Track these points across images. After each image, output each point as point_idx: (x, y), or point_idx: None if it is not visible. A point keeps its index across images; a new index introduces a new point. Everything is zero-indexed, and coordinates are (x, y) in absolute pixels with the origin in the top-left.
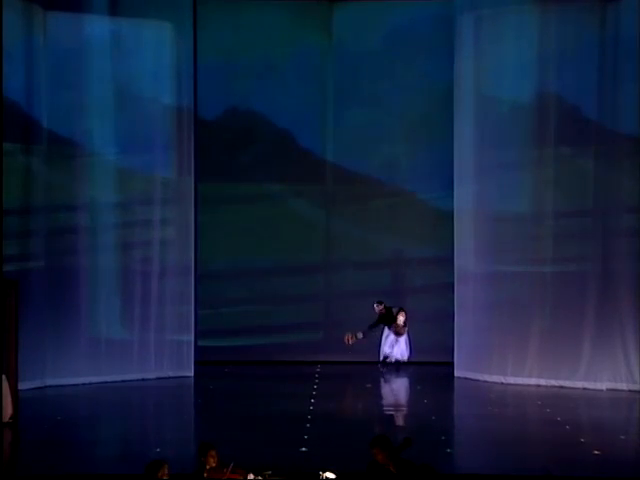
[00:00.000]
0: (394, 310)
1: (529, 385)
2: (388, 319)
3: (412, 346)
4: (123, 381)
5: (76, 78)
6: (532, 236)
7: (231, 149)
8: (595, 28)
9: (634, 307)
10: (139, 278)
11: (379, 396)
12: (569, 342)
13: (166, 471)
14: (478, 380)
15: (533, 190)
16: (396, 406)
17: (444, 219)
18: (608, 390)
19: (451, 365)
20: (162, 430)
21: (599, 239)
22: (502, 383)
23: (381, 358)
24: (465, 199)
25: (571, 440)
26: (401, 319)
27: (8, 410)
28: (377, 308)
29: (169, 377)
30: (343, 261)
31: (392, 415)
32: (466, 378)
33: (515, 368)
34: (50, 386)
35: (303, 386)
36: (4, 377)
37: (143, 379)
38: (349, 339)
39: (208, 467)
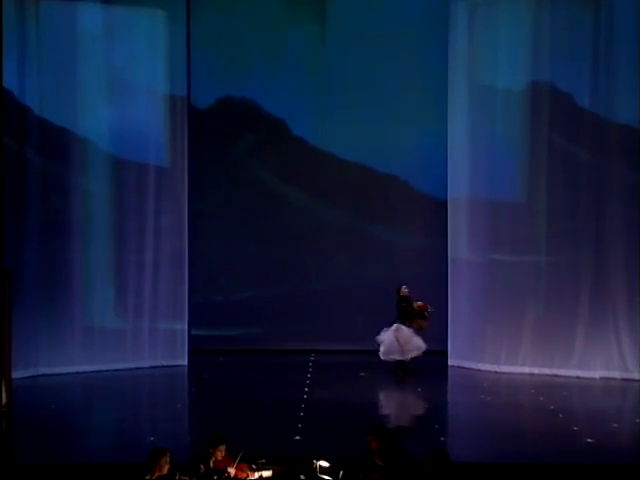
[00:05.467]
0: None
1: (522, 374)
2: (408, 312)
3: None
4: (117, 370)
5: (69, 66)
6: (526, 225)
7: (225, 138)
8: (589, 16)
9: (627, 296)
10: (133, 267)
11: (371, 385)
12: (562, 331)
13: (168, 459)
14: (472, 369)
15: (527, 179)
16: (389, 395)
17: (438, 208)
18: (601, 378)
19: (445, 354)
20: (156, 419)
21: (592, 228)
22: (495, 372)
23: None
24: (459, 188)
25: (564, 428)
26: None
27: (2, 399)
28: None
29: (163, 366)
30: (337, 250)
31: (385, 403)
32: (460, 367)
33: (509, 357)
34: (43, 375)
35: (297, 374)
36: None
37: (137, 368)
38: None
39: (214, 459)
